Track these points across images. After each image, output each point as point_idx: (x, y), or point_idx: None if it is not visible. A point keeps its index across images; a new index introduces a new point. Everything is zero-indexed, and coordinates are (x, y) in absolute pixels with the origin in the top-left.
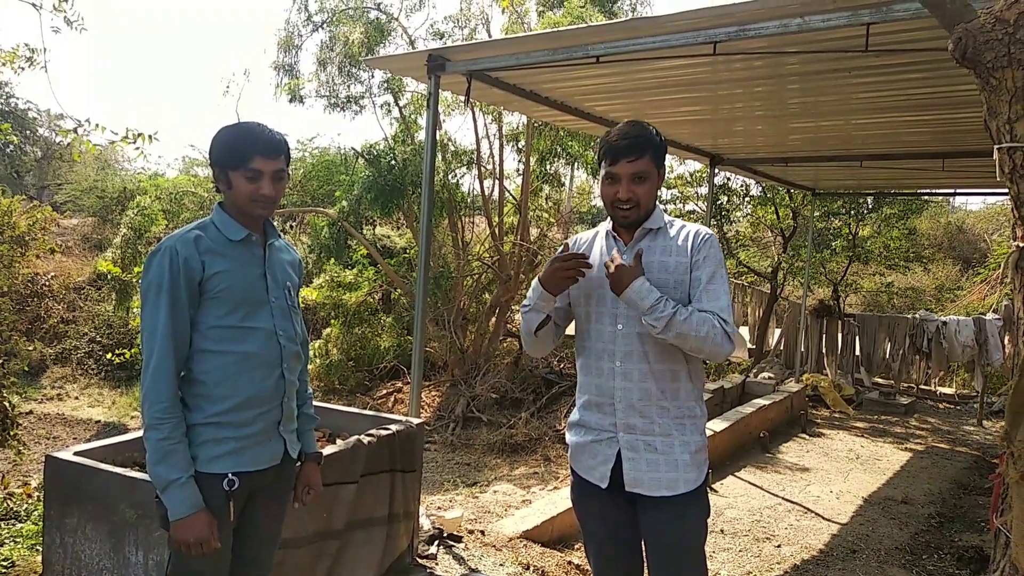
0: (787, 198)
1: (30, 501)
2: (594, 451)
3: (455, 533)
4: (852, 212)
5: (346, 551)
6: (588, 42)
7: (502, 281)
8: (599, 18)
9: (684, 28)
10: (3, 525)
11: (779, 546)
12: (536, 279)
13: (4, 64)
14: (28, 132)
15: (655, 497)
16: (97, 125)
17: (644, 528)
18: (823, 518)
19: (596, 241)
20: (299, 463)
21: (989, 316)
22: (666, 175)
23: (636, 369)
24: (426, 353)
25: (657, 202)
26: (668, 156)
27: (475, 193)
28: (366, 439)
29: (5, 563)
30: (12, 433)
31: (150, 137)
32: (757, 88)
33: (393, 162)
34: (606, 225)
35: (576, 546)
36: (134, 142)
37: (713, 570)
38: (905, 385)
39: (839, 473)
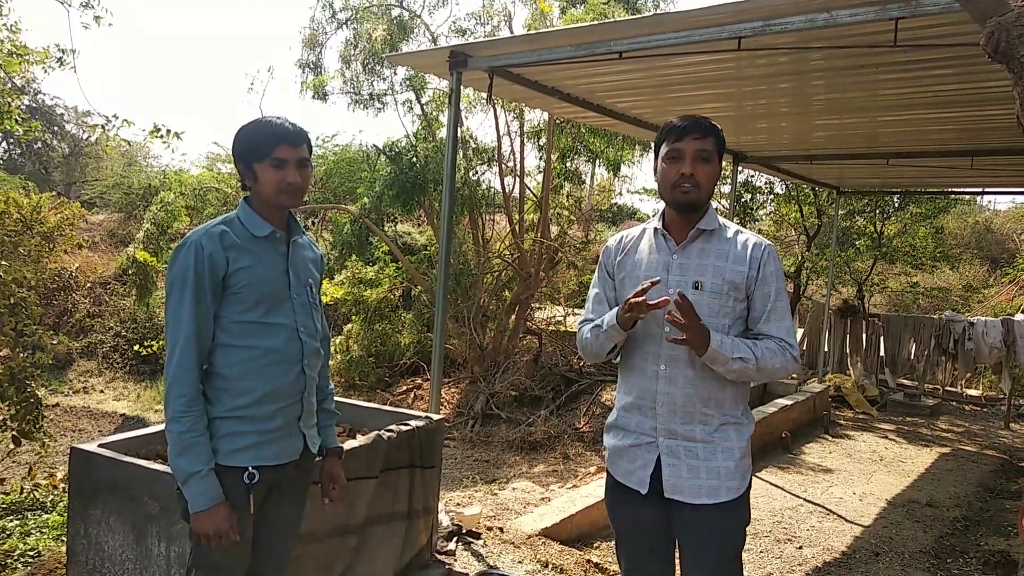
0: (811, 196)
1: (56, 492)
2: (633, 455)
3: (474, 530)
4: (878, 211)
5: (365, 546)
6: (611, 38)
7: (522, 278)
8: (622, 14)
9: (708, 23)
10: (29, 516)
11: (800, 547)
12: (614, 316)
13: (36, 64)
14: (56, 128)
15: (695, 504)
16: (124, 120)
17: (680, 534)
18: (845, 520)
19: (644, 239)
20: (319, 458)
21: (1018, 317)
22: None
23: (681, 374)
24: (446, 350)
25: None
26: None
27: (495, 190)
28: (386, 434)
29: (31, 553)
30: (39, 425)
31: (177, 135)
32: (782, 84)
33: (414, 159)
34: (654, 222)
35: (595, 544)
36: (161, 137)
37: None
38: (930, 386)
39: (862, 475)
